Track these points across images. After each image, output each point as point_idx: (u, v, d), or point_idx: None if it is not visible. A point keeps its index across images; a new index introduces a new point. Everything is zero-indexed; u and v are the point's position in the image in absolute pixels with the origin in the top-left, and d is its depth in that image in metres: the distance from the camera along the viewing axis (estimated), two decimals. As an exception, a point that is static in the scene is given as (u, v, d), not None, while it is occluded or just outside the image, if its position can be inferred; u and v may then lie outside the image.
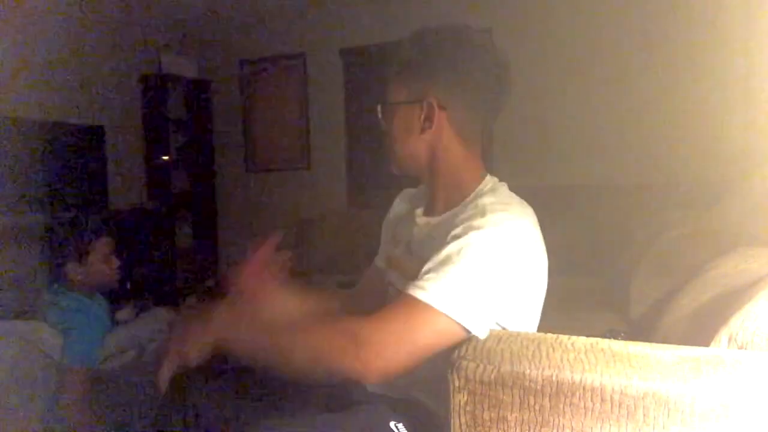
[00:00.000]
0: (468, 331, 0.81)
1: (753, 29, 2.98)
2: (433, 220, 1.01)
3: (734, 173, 2.62)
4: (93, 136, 3.78)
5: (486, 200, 0.90)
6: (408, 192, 1.22)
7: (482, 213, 0.86)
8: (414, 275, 0.99)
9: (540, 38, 3.73)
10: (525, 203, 0.94)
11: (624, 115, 3.54)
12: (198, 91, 4.68)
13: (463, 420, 0.76)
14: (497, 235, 0.84)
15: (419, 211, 1.07)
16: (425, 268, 0.85)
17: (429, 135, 0.96)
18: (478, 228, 0.84)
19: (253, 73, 4.70)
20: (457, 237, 0.85)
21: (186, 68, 4.54)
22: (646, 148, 3.46)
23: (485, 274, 0.82)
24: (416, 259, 1.01)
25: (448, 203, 1.00)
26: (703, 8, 3.23)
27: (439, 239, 0.91)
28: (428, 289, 0.81)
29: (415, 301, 0.81)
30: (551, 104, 3.72)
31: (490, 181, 0.99)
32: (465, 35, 0.95)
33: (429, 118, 0.94)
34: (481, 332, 0.81)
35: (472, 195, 0.96)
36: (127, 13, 4.19)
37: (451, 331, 0.81)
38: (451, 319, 0.80)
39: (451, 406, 0.77)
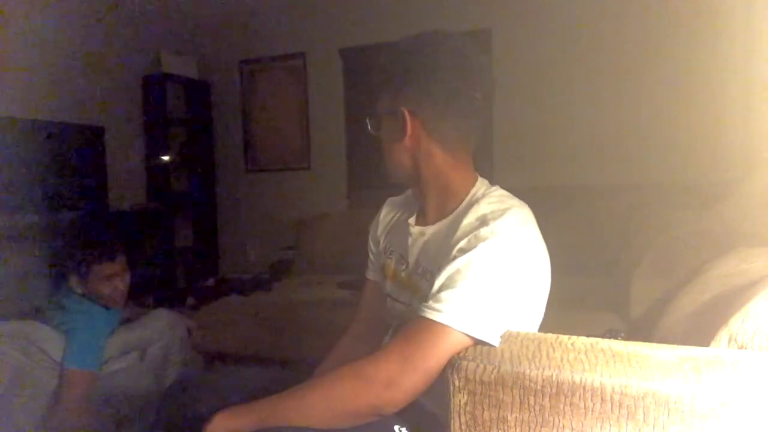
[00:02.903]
0: (482, 341, 0.81)
1: (753, 29, 2.98)
2: (428, 228, 1.00)
3: (734, 173, 2.62)
4: (93, 136, 3.78)
5: (485, 207, 0.90)
6: (392, 200, 1.21)
7: (485, 222, 0.86)
8: (414, 286, 0.99)
9: (540, 39, 3.73)
10: (522, 203, 0.93)
11: (624, 115, 3.54)
12: (198, 91, 4.69)
13: (463, 420, 0.76)
14: (504, 245, 0.84)
15: (411, 219, 1.06)
16: (436, 285, 0.84)
17: (409, 143, 0.96)
18: (484, 239, 0.83)
19: (253, 73, 4.70)
20: (464, 250, 0.84)
21: (186, 68, 4.54)
22: (646, 148, 3.47)
23: (497, 286, 0.82)
24: (413, 268, 1.01)
25: (440, 211, 0.99)
26: (704, 8, 3.23)
27: (437, 249, 0.90)
28: (445, 311, 0.81)
29: (433, 324, 0.81)
30: (551, 104, 3.72)
31: (482, 185, 0.99)
32: (431, 41, 0.95)
33: (404, 128, 0.95)
34: (496, 341, 0.81)
35: (465, 202, 0.96)
36: (127, 13, 4.20)
37: (465, 344, 0.81)
38: (468, 336, 0.80)
39: (451, 406, 0.77)
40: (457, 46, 0.94)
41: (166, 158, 4.42)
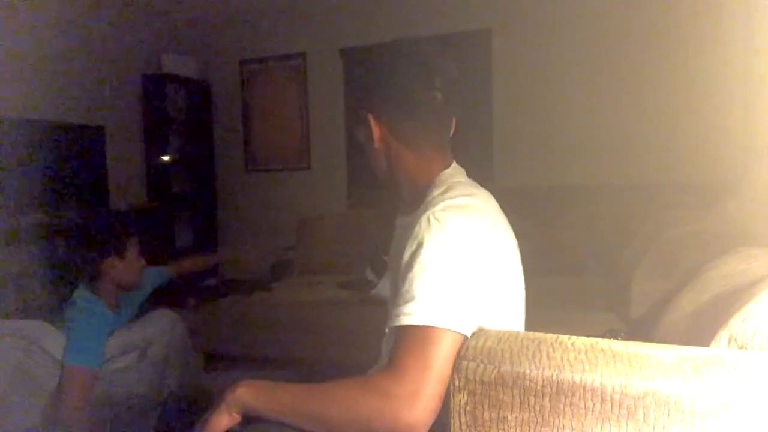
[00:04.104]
0: (460, 333, 0.81)
1: (753, 29, 2.98)
2: (405, 220, 1.04)
3: (734, 173, 2.62)
4: (93, 136, 3.78)
5: (434, 192, 0.94)
6: None
7: (425, 209, 0.89)
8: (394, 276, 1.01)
9: (540, 39, 3.73)
10: (472, 185, 0.97)
11: (624, 115, 3.54)
12: (198, 91, 4.69)
13: (463, 420, 0.76)
14: (439, 229, 0.85)
15: (400, 212, 1.12)
16: (400, 282, 0.86)
17: (379, 147, 1.02)
18: (421, 224, 0.87)
19: (253, 73, 4.70)
20: (412, 241, 0.87)
21: (186, 68, 4.54)
22: (646, 148, 3.47)
23: (443, 270, 0.83)
24: (394, 259, 1.04)
25: (413, 204, 1.02)
26: (704, 9, 3.23)
27: (405, 240, 0.91)
28: (414, 312, 0.80)
29: (408, 329, 0.81)
30: (551, 104, 3.72)
31: (444, 174, 1.01)
32: (389, 50, 1.00)
33: (372, 134, 1.01)
34: (466, 329, 0.81)
35: (428, 192, 0.99)
36: (127, 13, 4.20)
37: (452, 338, 0.80)
38: (452, 332, 0.80)
39: (451, 406, 0.77)
40: (413, 52, 0.99)
41: (166, 158, 4.42)
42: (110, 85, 4.07)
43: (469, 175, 1.06)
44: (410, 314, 0.81)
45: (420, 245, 0.85)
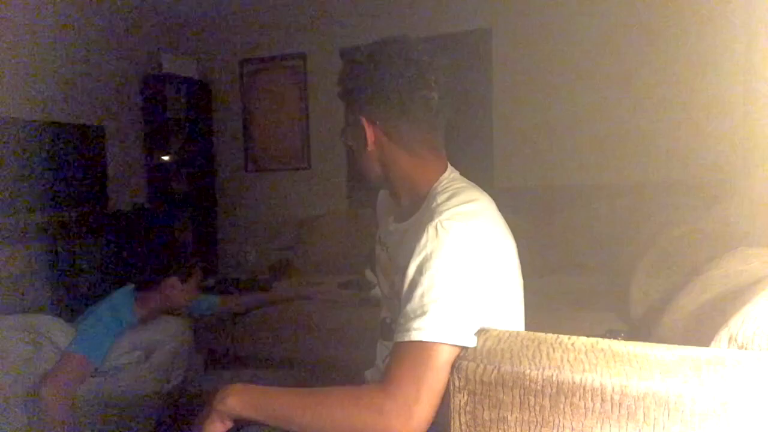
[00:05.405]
0: (462, 346, 0.81)
1: (753, 29, 2.98)
2: (402, 225, 1.03)
3: (734, 173, 2.62)
4: (93, 136, 3.78)
5: (438, 200, 0.92)
6: (383, 193, 1.23)
7: (431, 218, 0.88)
8: (394, 283, 1.00)
9: (540, 38, 3.73)
10: (473, 189, 0.96)
11: (624, 115, 3.54)
12: (198, 91, 4.69)
13: (463, 420, 0.76)
14: (448, 240, 0.84)
15: (391, 218, 1.10)
16: (404, 297, 0.85)
17: (373, 150, 1.00)
18: (428, 234, 0.86)
19: (253, 73, 4.70)
20: (418, 252, 0.86)
21: (186, 68, 4.54)
22: (646, 148, 3.47)
23: (453, 282, 0.82)
24: (393, 264, 1.03)
25: (411, 209, 1.01)
26: (704, 8, 3.23)
27: (406, 246, 0.91)
28: (423, 328, 0.81)
29: (412, 345, 0.81)
30: (551, 104, 3.72)
31: (444, 178, 1.00)
32: (380, 50, 0.97)
33: (365, 136, 0.99)
34: (471, 341, 0.81)
35: (428, 198, 0.97)
36: (127, 13, 4.20)
37: (452, 354, 0.81)
38: (451, 345, 0.80)
39: (451, 406, 0.77)
40: (406, 51, 0.96)
41: (166, 158, 4.42)
42: (110, 85, 4.07)
43: (468, 175, 1.05)
44: (420, 329, 0.81)
45: (428, 257, 0.84)
